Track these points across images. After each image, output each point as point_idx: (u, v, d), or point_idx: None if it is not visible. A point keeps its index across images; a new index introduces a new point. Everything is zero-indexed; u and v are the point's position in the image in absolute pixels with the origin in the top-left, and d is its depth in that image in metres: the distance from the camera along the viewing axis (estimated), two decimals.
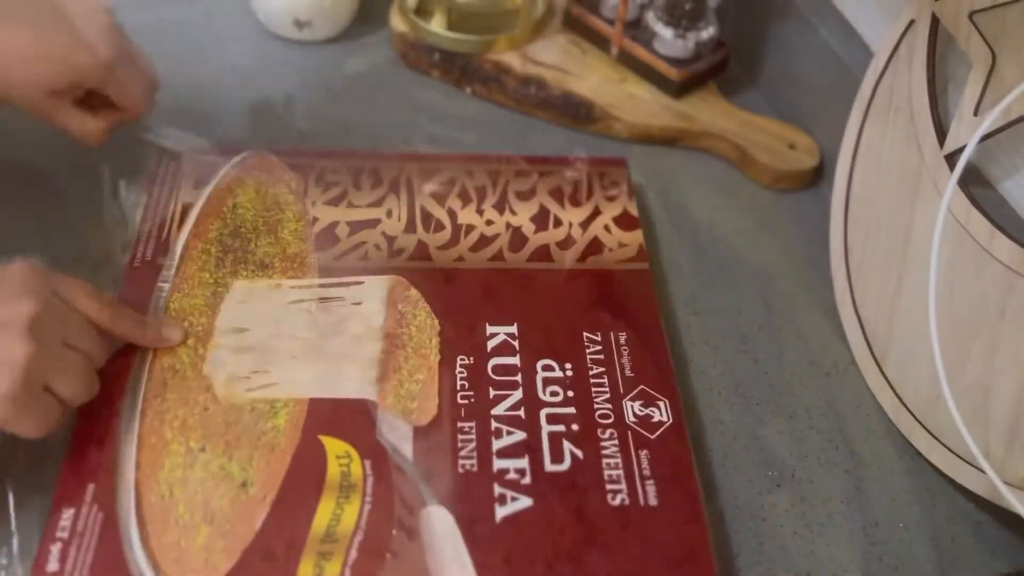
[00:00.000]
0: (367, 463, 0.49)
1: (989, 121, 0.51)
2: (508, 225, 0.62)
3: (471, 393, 0.53)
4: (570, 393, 0.54)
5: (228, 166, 0.63)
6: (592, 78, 0.74)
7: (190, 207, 0.60)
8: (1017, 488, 0.50)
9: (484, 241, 0.61)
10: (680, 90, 0.73)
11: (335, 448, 0.50)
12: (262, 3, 0.75)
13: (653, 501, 0.50)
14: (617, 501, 0.49)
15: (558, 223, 0.63)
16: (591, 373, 0.55)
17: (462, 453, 0.51)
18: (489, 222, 0.63)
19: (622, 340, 0.57)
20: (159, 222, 0.59)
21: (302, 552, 0.46)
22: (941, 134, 0.55)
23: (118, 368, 0.52)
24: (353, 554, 0.46)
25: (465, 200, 0.64)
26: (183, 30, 0.77)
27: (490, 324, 0.57)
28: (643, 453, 0.51)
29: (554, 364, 0.55)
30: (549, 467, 0.51)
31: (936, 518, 0.54)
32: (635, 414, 0.53)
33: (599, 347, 0.56)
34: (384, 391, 0.52)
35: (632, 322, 0.58)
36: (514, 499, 0.49)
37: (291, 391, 0.52)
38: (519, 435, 0.52)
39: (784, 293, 0.65)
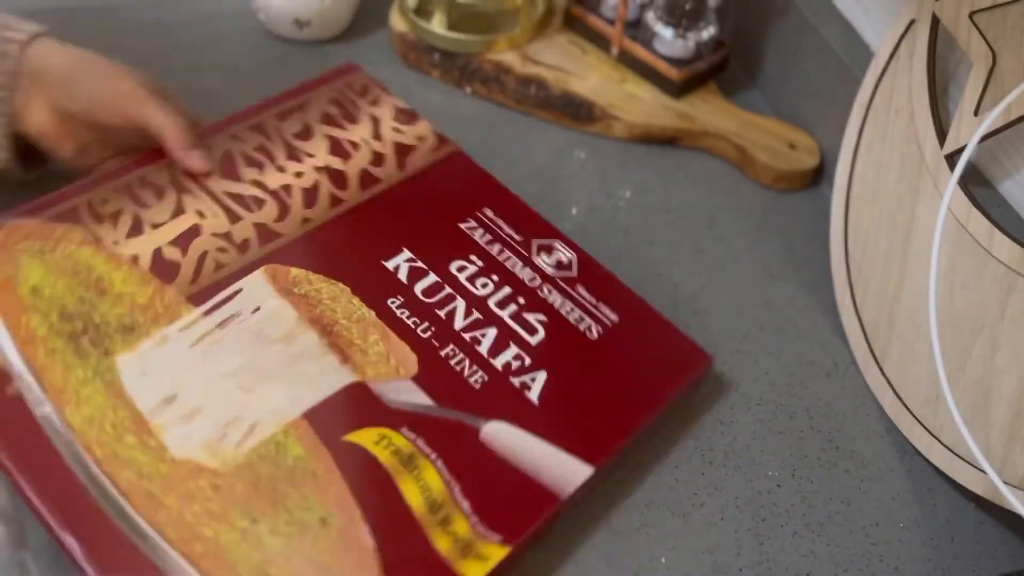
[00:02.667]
0: (404, 431, 0.49)
1: (989, 121, 0.51)
2: (316, 168, 0.61)
3: (426, 324, 0.54)
4: (494, 277, 0.57)
5: None
6: (592, 78, 0.74)
7: None
8: (1017, 488, 0.50)
9: (311, 193, 0.59)
10: (680, 90, 0.73)
11: (368, 438, 0.49)
12: (262, 3, 0.75)
13: (614, 317, 0.57)
14: (594, 333, 0.56)
15: (355, 146, 0.63)
16: (493, 252, 0.59)
17: (466, 373, 0.53)
18: (299, 174, 0.60)
19: (490, 214, 0.60)
20: None
21: (428, 534, 0.46)
22: (941, 134, 0.55)
23: (81, 506, 0.45)
24: (465, 504, 0.47)
25: (258, 165, 0.60)
26: (183, 30, 0.77)
27: (384, 260, 0.57)
28: (578, 288, 0.58)
29: (463, 263, 0.58)
30: (533, 341, 0.55)
31: (936, 518, 0.54)
32: (547, 264, 0.59)
33: (480, 229, 0.60)
34: (358, 367, 0.52)
35: (485, 196, 0.61)
36: (532, 379, 0.53)
37: (278, 419, 0.49)
38: (492, 331, 0.55)
39: (784, 293, 0.65)
